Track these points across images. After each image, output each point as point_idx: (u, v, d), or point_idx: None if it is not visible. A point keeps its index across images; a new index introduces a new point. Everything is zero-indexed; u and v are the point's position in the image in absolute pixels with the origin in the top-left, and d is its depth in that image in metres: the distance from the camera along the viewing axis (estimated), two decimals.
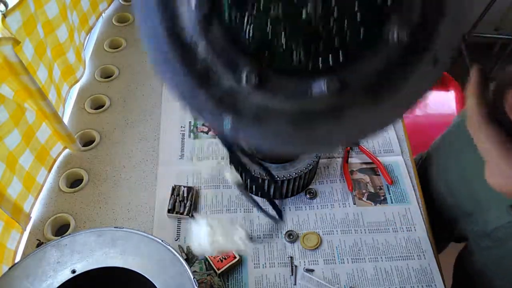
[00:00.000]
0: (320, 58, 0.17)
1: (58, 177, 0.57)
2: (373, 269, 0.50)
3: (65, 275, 0.37)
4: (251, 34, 0.17)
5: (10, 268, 0.37)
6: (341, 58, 0.17)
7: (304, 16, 0.17)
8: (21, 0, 0.48)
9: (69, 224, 0.53)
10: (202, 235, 0.38)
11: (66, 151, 0.60)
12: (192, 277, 0.36)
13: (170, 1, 0.18)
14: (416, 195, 0.56)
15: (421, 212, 0.55)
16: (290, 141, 0.20)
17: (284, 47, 0.17)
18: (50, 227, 0.52)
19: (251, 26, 0.17)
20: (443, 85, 1.09)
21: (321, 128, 0.19)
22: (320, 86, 0.18)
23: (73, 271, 0.37)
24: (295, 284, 0.49)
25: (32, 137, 0.52)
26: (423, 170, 0.60)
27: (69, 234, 0.39)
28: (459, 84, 1.11)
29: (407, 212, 0.55)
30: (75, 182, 0.58)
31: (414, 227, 0.53)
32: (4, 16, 0.45)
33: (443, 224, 0.56)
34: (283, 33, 0.17)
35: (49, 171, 0.57)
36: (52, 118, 0.53)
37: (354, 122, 0.19)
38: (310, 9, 0.17)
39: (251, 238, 0.35)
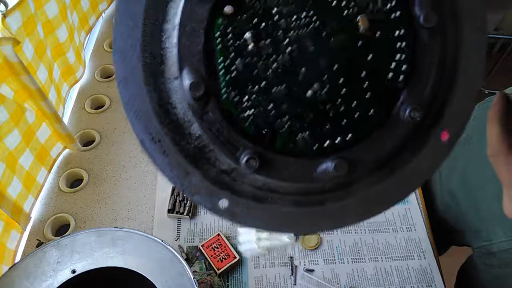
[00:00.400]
0: (327, 140, 0.16)
1: (58, 177, 0.57)
2: (373, 269, 0.50)
3: (65, 275, 0.37)
4: (251, 116, 0.16)
5: (10, 268, 0.37)
6: (349, 138, 0.16)
7: (309, 95, 0.16)
8: (21, 0, 0.48)
9: (69, 224, 0.53)
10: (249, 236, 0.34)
11: (66, 151, 0.60)
12: (192, 277, 0.36)
13: (159, 78, 0.16)
14: (416, 195, 0.56)
15: (421, 212, 0.55)
16: (295, 222, 0.18)
17: (287, 128, 0.16)
18: (50, 227, 0.52)
19: (251, 107, 0.16)
20: None
21: (330, 207, 0.18)
22: (327, 168, 0.16)
23: (73, 271, 0.37)
24: (295, 284, 0.49)
25: (32, 137, 0.52)
26: None
27: (69, 234, 0.39)
28: None
29: (407, 212, 0.55)
30: (75, 182, 0.58)
31: (414, 227, 0.53)
32: (4, 16, 0.45)
33: (446, 231, 0.55)
34: (286, 114, 0.16)
35: (49, 171, 0.57)
36: (52, 118, 0.53)
37: (365, 198, 0.18)
38: (316, 88, 0.16)
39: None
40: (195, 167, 0.17)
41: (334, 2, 0.15)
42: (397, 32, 0.15)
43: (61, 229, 0.54)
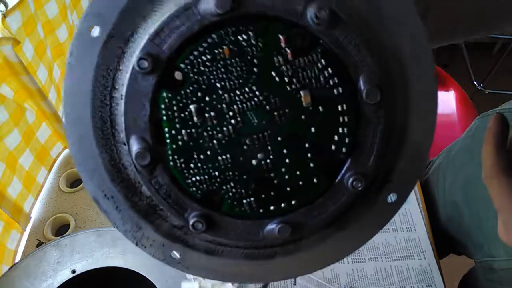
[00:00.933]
0: (271, 205, 0.17)
1: (58, 177, 0.57)
2: (373, 269, 0.50)
3: (65, 275, 0.37)
4: (197, 182, 0.17)
5: (10, 268, 0.37)
6: (293, 204, 0.17)
7: (254, 164, 0.16)
8: (21, 0, 0.48)
9: (69, 224, 0.53)
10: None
11: (66, 151, 0.60)
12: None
13: (110, 140, 0.17)
14: (416, 195, 0.56)
15: (421, 212, 0.55)
16: (246, 274, 0.19)
17: (233, 194, 0.17)
18: (50, 227, 0.52)
19: (198, 175, 0.17)
20: (443, 86, 1.09)
21: (280, 260, 0.19)
22: (272, 229, 0.17)
23: (73, 271, 0.37)
24: (295, 284, 0.49)
25: (32, 137, 0.52)
26: (428, 182, 0.59)
27: (69, 234, 0.39)
28: (459, 85, 1.11)
29: (407, 212, 0.55)
30: (75, 182, 0.58)
31: (414, 227, 0.53)
32: (4, 16, 0.45)
33: (448, 240, 0.54)
34: (231, 181, 0.17)
35: (49, 171, 0.57)
36: (52, 118, 0.53)
37: (315, 254, 0.19)
38: (261, 158, 0.16)
39: None
40: (147, 221, 0.18)
41: (277, 78, 0.16)
42: (339, 107, 0.16)
43: (61, 229, 0.54)
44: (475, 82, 1.42)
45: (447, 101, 1.06)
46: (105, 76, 0.16)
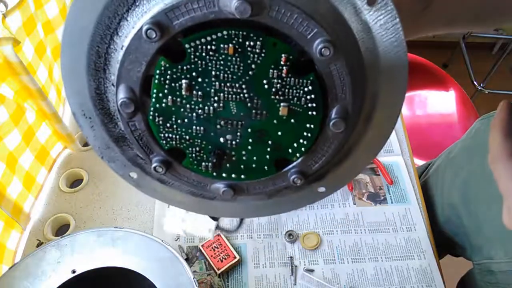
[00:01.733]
0: (224, 173, 0.20)
1: (58, 177, 0.57)
2: (373, 269, 0.50)
3: (65, 275, 0.37)
4: (168, 138, 0.19)
5: (10, 268, 0.37)
6: (243, 178, 0.20)
7: (221, 141, 0.19)
8: (21, 0, 0.48)
9: (69, 224, 0.53)
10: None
11: (66, 151, 0.60)
12: (192, 277, 0.36)
13: (100, 73, 0.18)
14: (416, 195, 0.56)
15: (421, 212, 0.55)
16: (188, 205, 0.23)
17: (195, 156, 0.19)
18: (50, 227, 0.52)
19: (171, 133, 0.19)
20: (443, 85, 1.09)
21: (216, 204, 0.23)
22: (218, 188, 0.20)
23: (73, 271, 0.37)
24: (295, 284, 0.49)
25: (32, 137, 0.52)
26: (427, 184, 0.59)
27: (69, 234, 0.39)
28: (459, 85, 1.11)
29: (407, 212, 0.55)
30: (75, 182, 0.58)
31: (414, 227, 0.53)
32: (4, 16, 0.45)
33: (446, 242, 0.54)
34: (198, 147, 0.19)
35: (49, 171, 0.57)
36: (52, 118, 0.53)
37: (248, 207, 0.23)
38: (228, 138, 0.19)
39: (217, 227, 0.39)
40: (116, 145, 0.21)
41: (266, 86, 0.18)
42: (307, 125, 0.19)
43: (61, 229, 0.54)
44: (475, 82, 1.42)
45: (447, 101, 1.07)
46: (111, 18, 0.17)
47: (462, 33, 1.63)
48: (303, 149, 0.19)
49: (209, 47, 0.17)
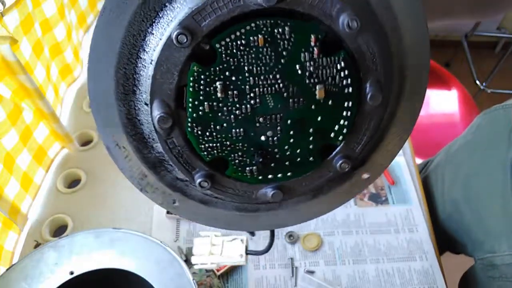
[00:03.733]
0: (270, 174, 0.20)
1: (55, 178, 0.57)
2: (374, 270, 0.49)
3: (63, 276, 0.36)
4: (209, 148, 0.19)
5: (7, 270, 0.36)
6: (289, 175, 0.20)
7: (262, 140, 0.19)
8: None
9: (67, 225, 0.52)
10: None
11: (64, 151, 0.59)
12: (191, 278, 0.36)
13: (130, 95, 0.18)
14: (418, 195, 0.56)
15: (423, 213, 0.54)
16: (235, 223, 0.23)
17: (239, 162, 0.19)
18: (48, 228, 0.52)
19: (211, 142, 0.18)
20: (445, 84, 1.08)
21: (263, 216, 0.22)
22: (266, 193, 0.20)
23: (71, 273, 0.36)
24: (295, 285, 0.48)
25: (29, 137, 0.52)
26: (427, 181, 0.59)
27: (67, 235, 0.39)
28: (462, 84, 1.11)
29: (409, 213, 0.54)
30: (73, 183, 0.58)
31: (416, 228, 0.53)
32: (2, 15, 0.45)
33: (446, 239, 0.54)
34: (240, 151, 0.19)
35: (47, 171, 0.56)
36: (50, 117, 0.53)
37: (293, 212, 0.23)
38: (269, 135, 0.19)
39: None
40: (153, 172, 0.20)
41: (300, 71, 0.18)
42: (346, 104, 0.19)
43: (59, 230, 0.53)
44: (477, 82, 1.42)
45: (449, 101, 1.06)
46: (135, 36, 0.17)
47: (464, 31, 1.62)
48: (344, 130, 0.19)
49: (239, 42, 0.17)
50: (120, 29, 0.17)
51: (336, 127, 0.19)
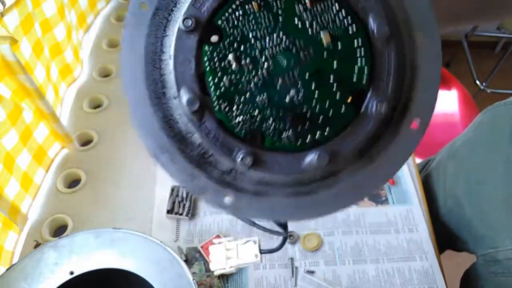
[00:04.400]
0: (307, 136, 0.19)
1: (55, 178, 0.57)
2: (374, 270, 0.49)
3: (63, 276, 0.36)
4: (240, 122, 0.19)
5: (7, 270, 0.36)
6: (327, 133, 0.19)
7: (288, 100, 0.19)
8: None
9: (67, 225, 0.52)
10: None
11: (64, 151, 0.59)
12: (191, 278, 0.36)
13: (162, 99, 0.20)
14: (418, 195, 0.56)
15: (423, 213, 0.54)
16: (293, 211, 0.21)
17: (273, 130, 0.19)
18: (48, 228, 0.52)
19: (240, 115, 0.19)
20: (445, 84, 1.08)
21: (322, 194, 0.21)
22: (311, 160, 0.19)
23: (71, 273, 0.36)
24: (295, 285, 0.48)
25: (29, 137, 0.52)
26: (428, 179, 0.59)
27: (67, 235, 0.39)
28: (462, 84, 1.10)
29: (409, 213, 0.54)
30: (73, 183, 0.57)
31: (416, 228, 0.53)
32: (2, 15, 0.45)
33: (446, 236, 0.54)
34: (270, 118, 0.19)
35: (47, 171, 0.56)
36: (50, 117, 0.53)
37: (353, 185, 0.21)
38: (293, 94, 0.19)
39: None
40: (199, 170, 0.20)
41: (300, 24, 0.19)
42: (355, 43, 0.19)
43: (59, 230, 0.53)
44: (477, 82, 1.41)
45: (449, 101, 1.06)
46: (154, 43, 0.19)
47: (464, 31, 1.62)
48: (365, 71, 0.19)
49: (237, 14, 0.19)
50: (140, 41, 0.19)
51: (356, 69, 0.19)
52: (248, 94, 0.19)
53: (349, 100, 0.19)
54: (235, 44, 0.19)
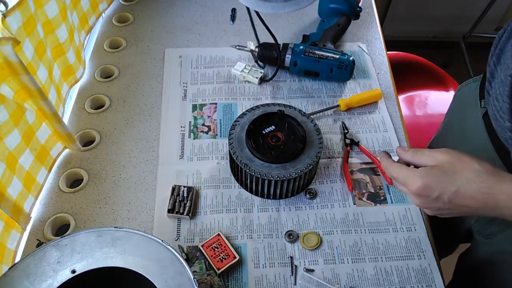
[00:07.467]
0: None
1: (58, 177, 0.57)
2: (373, 269, 0.50)
3: (65, 275, 0.37)
4: None
5: (10, 268, 0.37)
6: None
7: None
8: (21, 0, 0.48)
9: (69, 224, 0.53)
10: None
11: (66, 151, 0.60)
12: (192, 277, 0.36)
13: None
14: None
15: (421, 212, 0.55)
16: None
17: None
18: (50, 227, 0.52)
19: None
20: (443, 85, 1.08)
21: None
22: None
23: (73, 271, 0.37)
24: (295, 284, 0.49)
25: (32, 137, 0.52)
26: None
27: (69, 234, 0.39)
28: (459, 84, 1.11)
29: (407, 212, 0.55)
30: (75, 182, 0.58)
31: (414, 227, 0.53)
32: (4, 16, 0.45)
33: (446, 222, 0.55)
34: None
35: (49, 171, 0.57)
36: (52, 118, 0.53)
37: None
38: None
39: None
40: None
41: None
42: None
43: (61, 229, 0.54)
44: None
45: (446, 101, 1.06)
46: None
47: (462, 33, 1.63)
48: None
49: None
50: None
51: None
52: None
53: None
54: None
